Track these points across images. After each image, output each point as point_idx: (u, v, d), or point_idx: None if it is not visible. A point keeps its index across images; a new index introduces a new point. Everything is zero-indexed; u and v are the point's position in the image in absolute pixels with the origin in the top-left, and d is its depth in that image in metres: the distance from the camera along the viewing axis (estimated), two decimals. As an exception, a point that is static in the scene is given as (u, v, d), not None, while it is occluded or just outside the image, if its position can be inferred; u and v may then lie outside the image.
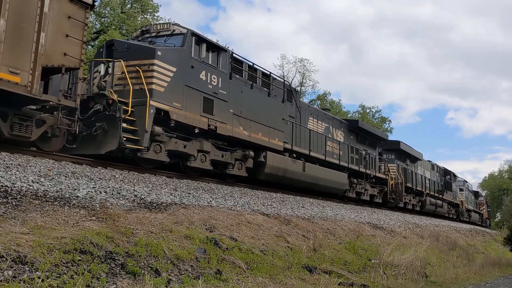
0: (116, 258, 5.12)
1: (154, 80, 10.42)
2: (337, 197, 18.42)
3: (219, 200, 9.77)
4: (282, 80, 16.33)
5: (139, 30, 12.93)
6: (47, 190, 6.38)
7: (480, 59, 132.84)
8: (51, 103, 8.87)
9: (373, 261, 9.86)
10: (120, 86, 10.35)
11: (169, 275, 5.43)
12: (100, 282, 4.52)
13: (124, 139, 9.68)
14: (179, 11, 75.40)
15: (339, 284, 7.36)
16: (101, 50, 11.68)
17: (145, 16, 30.95)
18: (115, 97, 9.84)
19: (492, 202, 67.69)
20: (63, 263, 4.55)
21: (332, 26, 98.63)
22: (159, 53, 10.67)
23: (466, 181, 40.65)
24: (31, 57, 8.26)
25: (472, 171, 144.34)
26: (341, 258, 9.23)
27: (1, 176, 6.28)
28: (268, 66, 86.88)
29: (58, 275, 4.33)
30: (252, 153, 13.37)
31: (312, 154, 16.41)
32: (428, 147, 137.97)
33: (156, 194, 8.37)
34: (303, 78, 42.35)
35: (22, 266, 4.22)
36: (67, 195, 6.48)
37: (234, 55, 13.38)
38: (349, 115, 49.12)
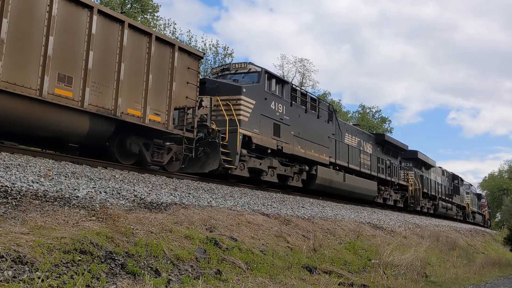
0: (116, 258, 5.12)
1: (241, 112, 12.92)
2: (368, 203, 20.82)
3: (219, 200, 9.77)
4: (326, 103, 19.30)
5: (219, 67, 15.49)
6: (47, 190, 6.38)
7: (482, 59, 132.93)
8: (178, 135, 11.21)
9: (373, 261, 9.85)
10: (213, 117, 12.66)
11: (169, 275, 5.42)
12: (100, 282, 4.52)
13: (223, 160, 12.03)
14: (181, 11, 75.40)
15: (339, 284, 7.35)
16: None
17: (145, 16, 30.97)
18: (215, 127, 12.26)
19: (492, 202, 67.70)
20: (63, 263, 4.55)
21: (335, 26, 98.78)
22: (244, 90, 13.19)
23: (471, 185, 43.29)
24: (166, 101, 10.87)
25: (474, 171, 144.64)
26: (341, 258, 9.23)
27: (1, 176, 6.28)
28: (269, 66, 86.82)
29: (58, 275, 4.33)
30: (307, 168, 15.88)
31: (350, 166, 19.05)
32: (430, 147, 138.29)
33: (156, 194, 8.37)
34: (303, 78, 42.40)
35: (22, 266, 4.22)
36: (67, 195, 6.47)
37: (292, 85, 16.12)
38: (349, 115, 49.16)
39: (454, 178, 35.98)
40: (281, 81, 15.16)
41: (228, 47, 38.48)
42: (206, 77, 14.70)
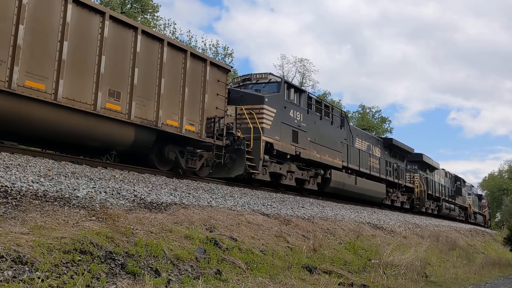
0: (116, 258, 5.12)
1: (264, 120, 13.77)
2: (377, 205, 21.53)
3: (219, 200, 9.77)
4: (338, 110, 20.09)
5: (241, 77, 16.39)
6: (47, 190, 6.38)
7: (483, 59, 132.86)
8: (209, 143, 12.00)
9: (373, 261, 9.85)
10: (237, 124, 13.33)
11: (169, 275, 5.42)
12: (100, 282, 4.52)
13: (248, 166, 12.86)
14: (182, 11, 75.33)
15: (339, 284, 7.35)
16: None
17: (145, 16, 30.95)
18: (240, 134, 13.07)
19: (492, 202, 67.66)
20: (63, 263, 4.55)
21: (336, 26, 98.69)
22: (266, 99, 14.05)
23: (473, 186, 44.64)
24: (199, 112, 11.76)
25: (474, 171, 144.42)
26: (341, 258, 9.23)
27: (1, 176, 6.28)
28: (269, 66, 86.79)
29: (58, 275, 4.33)
30: (322, 172, 16.77)
31: (361, 169, 19.96)
32: (430, 148, 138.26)
33: (156, 194, 8.37)
34: (303, 78, 42.40)
35: (22, 266, 4.21)
36: (67, 195, 6.47)
37: (309, 94, 16.88)
38: (349, 115, 49.09)
39: (456, 180, 36.83)
40: (298, 90, 16.12)
41: (228, 47, 38.53)
42: (230, 87, 15.22)
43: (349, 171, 18.95)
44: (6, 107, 8.03)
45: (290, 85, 15.63)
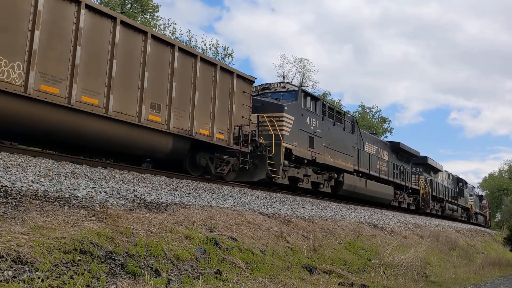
0: (116, 258, 5.12)
1: (284, 128, 14.59)
2: (385, 206, 22.40)
3: (219, 200, 9.77)
4: (350, 116, 21.03)
5: (260, 86, 17.07)
6: (47, 190, 6.38)
7: (484, 59, 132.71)
8: (236, 150, 12.88)
9: (373, 261, 9.85)
10: (259, 132, 14.15)
11: (169, 275, 5.42)
12: (100, 282, 4.52)
13: (270, 170, 13.68)
14: (183, 11, 75.26)
15: (339, 284, 7.35)
16: None
17: (145, 16, 30.95)
18: (262, 141, 13.89)
19: (492, 202, 67.64)
20: (63, 263, 4.55)
21: (337, 26, 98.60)
22: (285, 108, 14.86)
23: (474, 187, 46.30)
24: (227, 121, 12.66)
25: (475, 171, 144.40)
26: (341, 258, 9.23)
27: (1, 176, 6.28)
28: (269, 66, 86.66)
29: (58, 275, 4.33)
30: (335, 175, 17.63)
31: (371, 172, 20.88)
32: (430, 148, 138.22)
33: (156, 194, 8.37)
34: (303, 78, 42.41)
35: (22, 266, 4.21)
36: (67, 195, 6.47)
37: (323, 102, 17.80)
38: (349, 115, 48.99)
39: (458, 181, 37.86)
40: (314, 98, 17.06)
41: (228, 47, 38.58)
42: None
43: (360, 174, 19.79)
44: (67, 121, 8.88)
45: (306, 94, 16.60)
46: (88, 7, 9.23)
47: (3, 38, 7.94)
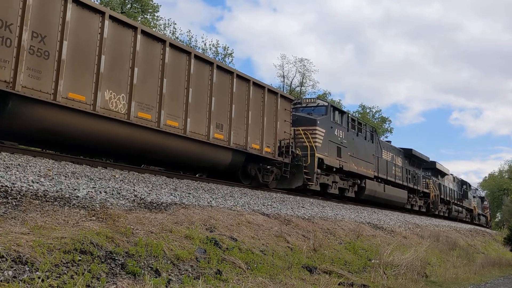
0: (116, 258, 5.12)
1: (317, 140, 16.25)
2: (399, 209, 24.09)
3: (219, 200, 9.77)
4: (370, 126, 22.67)
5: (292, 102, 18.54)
6: (47, 190, 6.37)
7: (486, 59, 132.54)
8: (280, 161, 14.56)
9: (373, 261, 9.85)
10: (296, 144, 15.70)
11: (169, 275, 5.42)
12: (100, 282, 4.52)
13: (306, 179, 15.31)
14: (184, 11, 75.21)
15: (339, 284, 7.35)
16: None
17: (145, 16, 30.93)
18: (299, 152, 15.44)
19: (492, 202, 67.65)
20: (63, 263, 4.55)
21: (338, 26, 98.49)
22: (318, 121, 16.60)
23: (477, 189, 48.42)
24: (273, 136, 14.47)
25: (476, 171, 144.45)
26: (341, 258, 9.23)
27: (1, 176, 6.28)
28: (270, 67, 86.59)
29: (58, 275, 4.33)
30: (358, 181, 19.29)
31: (388, 178, 22.65)
32: (431, 148, 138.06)
33: (156, 194, 8.36)
34: (303, 78, 42.41)
35: (22, 266, 4.21)
36: (67, 195, 6.47)
37: (348, 115, 19.42)
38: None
39: (462, 184, 39.73)
40: (341, 112, 18.85)
41: (228, 47, 38.57)
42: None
43: (379, 180, 21.47)
44: (156, 141, 10.63)
45: (335, 108, 18.44)
46: (172, 45, 11.12)
47: (113, 75, 9.68)
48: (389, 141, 28.62)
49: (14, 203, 5.60)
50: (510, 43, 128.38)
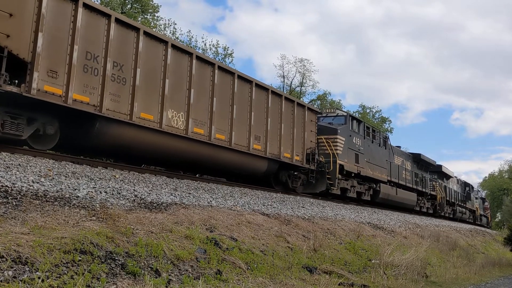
0: (116, 258, 5.12)
1: (338, 147, 17.60)
2: (409, 211, 25.26)
3: (219, 200, 9.76)
4: (383, 133, 24.51)
5: None
6: (47, 190, 6.37)
7: (487, 59, 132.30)
8: (307, 168, 15.97)
9: (373, 261, 9.85)
10: (319, 151, 17.04)
11: (169, 275, 5.42)
12: (100, 282, 4.52)
13: (328, 184, 16.77)
14: (186, 11, 75.13)
15: (339, 284, 7.35)
16: None
17: (145, 16, 30.94)
18: (322, 159, 16.79)
19: (492, 202, 67.60)
20: (63, 263, 4.55)
21: (339, 26, 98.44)
22: (339, 131, 17.99)
23: (479, 191, 50.38)
24: (301, 145, 15.91)
25: (476, 171, 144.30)
26: (341, 258, 9.23)
27: (1, 176, 6.28)
28: (271, 67, 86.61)
29: (58, 275, 4.33)
30: (374, 185, 20.75)
31: (399, 182, 23.97)
32: (432, 148, 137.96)
33: (156, 194, 8.36)
34: (303, 78, 42.36)
35: (22, 266, 4.21)
36: (67, 195, 6.47)
37: (364, 123, 20.89)
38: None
39: (466, 186, 41.07)
40: (358, 121, 20.29)
41: (228, 47, 38.52)
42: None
43: (391, 184, 22.77)
44: (207, 153, 12.03)
45: (353, 118, 19.77)
46: (220, 68, 12.50)
47: (175, 96, 11.03)
48: (399, 146, 29.57)
49: (14, 203, 5.60)
50: (511, 43, 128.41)
